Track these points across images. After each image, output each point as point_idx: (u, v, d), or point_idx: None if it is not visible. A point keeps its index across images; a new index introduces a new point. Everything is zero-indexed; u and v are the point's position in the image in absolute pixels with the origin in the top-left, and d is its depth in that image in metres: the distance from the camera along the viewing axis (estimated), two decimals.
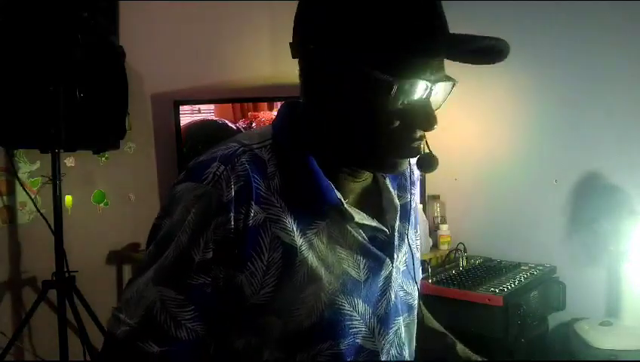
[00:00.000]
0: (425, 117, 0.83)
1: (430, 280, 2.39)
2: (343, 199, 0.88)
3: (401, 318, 0.98)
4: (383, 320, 0.93)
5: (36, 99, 2.04)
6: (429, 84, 0.81)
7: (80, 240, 2.51)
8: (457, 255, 2.71)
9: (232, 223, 0.81)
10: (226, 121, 2.87)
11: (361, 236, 0.91)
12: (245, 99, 2.93)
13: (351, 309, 0.88)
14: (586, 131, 2.59)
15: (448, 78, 0.84)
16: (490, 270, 2.53)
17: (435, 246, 2.93)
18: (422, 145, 0.88)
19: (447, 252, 2.82)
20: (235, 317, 0.85)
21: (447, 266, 2.66)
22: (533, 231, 2.73)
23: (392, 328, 0.95)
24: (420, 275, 1.16)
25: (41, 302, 2.27)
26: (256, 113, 2.92)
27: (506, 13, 2.74)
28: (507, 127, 2.80)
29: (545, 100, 2.70)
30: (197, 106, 2.84)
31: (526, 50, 2.63)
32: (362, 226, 0.92)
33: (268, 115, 2.93)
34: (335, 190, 0.88)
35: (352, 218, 0.89)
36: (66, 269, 2.25)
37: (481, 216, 2.93)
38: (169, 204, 0.86)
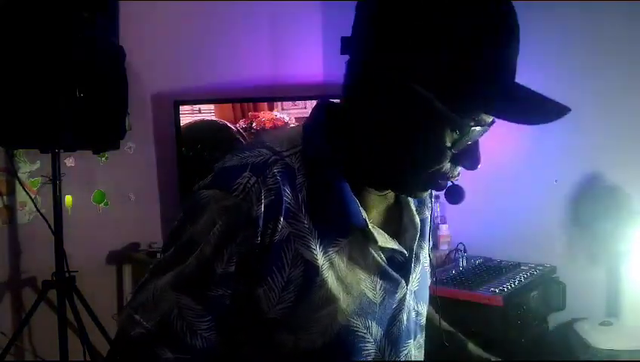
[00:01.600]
0: (474, 158, 0.83)
1: (430, 281, 2.39)
2: (367, 219, 0.86)
3: (411, 341, 0.96)
4: (394, 343, 0.92)
5: (36, 99, 2.04)
6: (487, 128, 0.81)
7: (80, 240, 2.51)
8: (457, 255, 2.71)
9: (259, 238, 0.79)
10: (226, 122, 2.87)
11: (381, 257, 0.90)
12: (245, 99, 2.93)
13: (365, 331, 0.87)
14: (586, 131, 2.59)
15: (493, 121, 0.84)
16: (490, 270, 2.53)
17: (435, 246, 2.93)
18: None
19: (447, 252, 2.82)
20: (248, 330, 0.84)
21: (447, 266, 2.66)
22: (533, 231, 2.73)
23: (402, 351, 0.94)
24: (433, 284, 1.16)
25: (41, 302, 2.27)
26: (256, 113, 2.92)
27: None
28: (507, 126, 2.80)
29: None
30: (197, 106, 2.84)
31: (526, 50, 2.63)
32: (383, 248, 0.90)
33: (268, 114, 2.93)
34: (361, 209, 0.86)
35: (376, 241, 0.88)
36: (66, 269, 2.25)
37: (481, 216, 2.92)
38: (193, 209, 0.83)
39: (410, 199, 0.97)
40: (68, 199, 2.57)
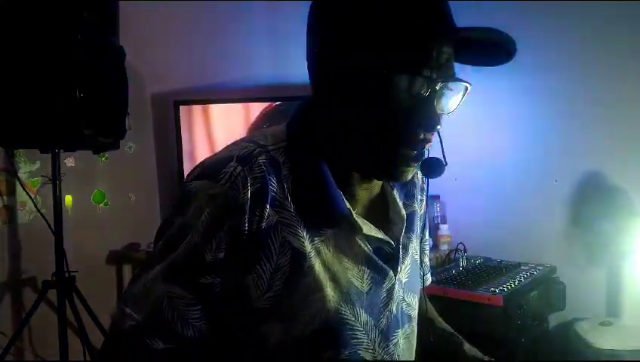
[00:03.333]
0: (426, 116, 0.81)
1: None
2: (352, 209, 0.88)
3: (400, 331, 0.97)
4: (384, 332, 0.93)
5: (36, 99, 2.04)
6: (430, 82, 0.80)
7: (80, 240, 2.51)
8: (457, 255, 2.71)
9: (246, 225, 0.81)
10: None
11: (367, 247, 0.91)
12: (245, 99, 2.93)
13: (353, 319, 0.88)
14: (586, 131, 2.59)
15: (457, 79, 0.82)
16: (490, 270, 2.53)
17: (435, 246, 2.93)
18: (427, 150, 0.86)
19: (447, 252, 2.82)
20: (237, 319, 0.85)
21: (447, 266, 2.66)
22: (533, 231, 2.73)
23: (392, 340, 0.95)
24: (428, 278, 1.17)
25: (41, 302, 2.27)
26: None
27: (505, 13, 2.74)
28: (507, 126, 2.80)
29: (545, 100, 2.70)
30: (197, 106, 2.84)
31: (525, 50, 2.63)
32: (369, 237, 0.91)
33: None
34: (345, 200, 0.87)
35: (361, 229, 0.89)
36: (66, 269, 2.25)
37: (481, 216, 2.93)
38: (182, 201, 0.85)
39: (395, 193, 0.99)
40: (68, 199, 2.57)
